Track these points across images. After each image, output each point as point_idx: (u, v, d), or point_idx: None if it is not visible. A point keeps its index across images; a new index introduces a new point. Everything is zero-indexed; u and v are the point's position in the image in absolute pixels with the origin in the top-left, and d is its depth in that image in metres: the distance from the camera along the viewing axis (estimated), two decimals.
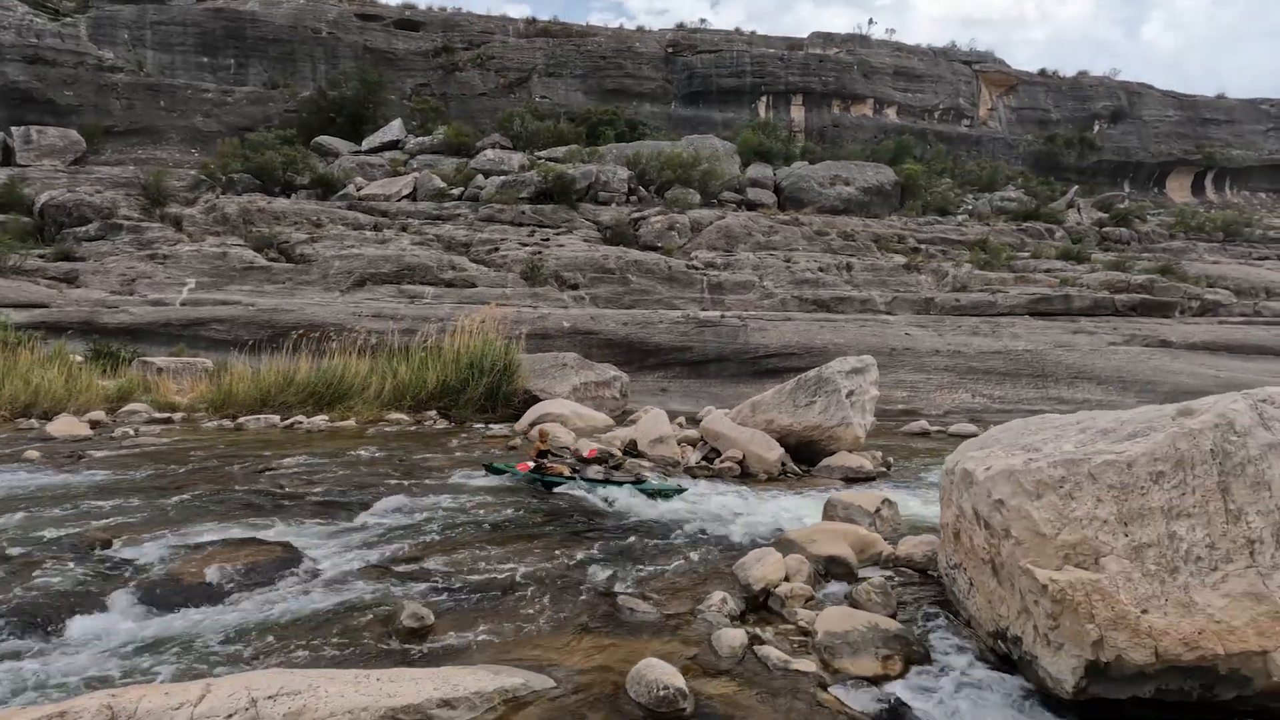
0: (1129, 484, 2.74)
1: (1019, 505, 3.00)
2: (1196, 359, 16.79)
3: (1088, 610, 2.66)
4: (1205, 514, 2.62)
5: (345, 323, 17.24)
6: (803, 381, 9.50)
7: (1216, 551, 2.57)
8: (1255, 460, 2.60)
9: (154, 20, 33.81)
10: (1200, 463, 2.66)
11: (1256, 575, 2.50)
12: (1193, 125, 45.12)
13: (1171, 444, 2.74)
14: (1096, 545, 2.72)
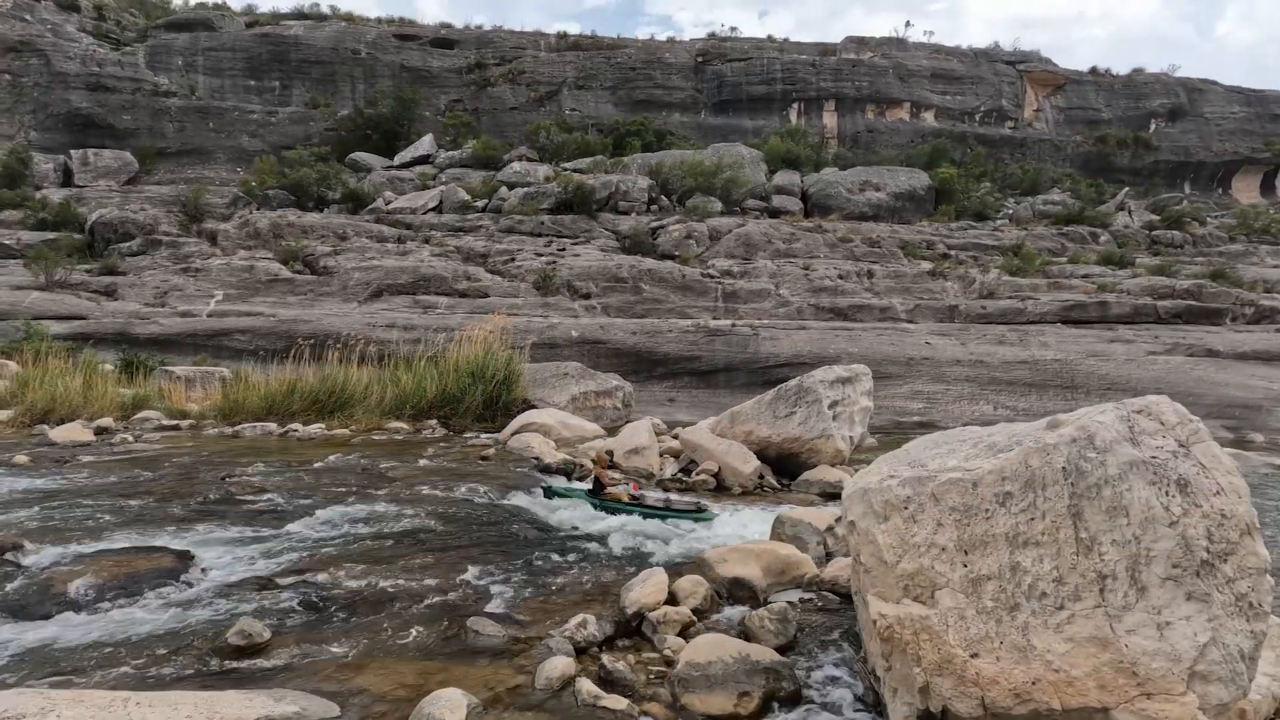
0: (973, 506, 2.39)
1: (867, 528, 2.67)
2: (1246, 369, 15.57)
3: (915, 651, 2.33)
4: (1055, 543, 2.25)
5: (360, 333, 17.53)
6: (783, 391, 9.12)
7: (1064, 587, 2.21)
8: (1114, 481, 2.23)
9: (205, 47, 35.54)
10: (1052, 483, 2.30)
11: (1104, 617, 2.13)
12: (1261, 121, 42.39)
13: (1023, 461, 2.38)
14: (933, 576, 2.38)
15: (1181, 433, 2.31)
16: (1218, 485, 2.16)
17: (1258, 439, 13.55)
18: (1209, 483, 2.16)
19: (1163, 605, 2.08)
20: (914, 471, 2.67)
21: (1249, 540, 2.10)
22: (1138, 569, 2.13)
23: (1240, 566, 2.08)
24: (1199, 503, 2.13)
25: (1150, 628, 2.06)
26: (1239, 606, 2.06)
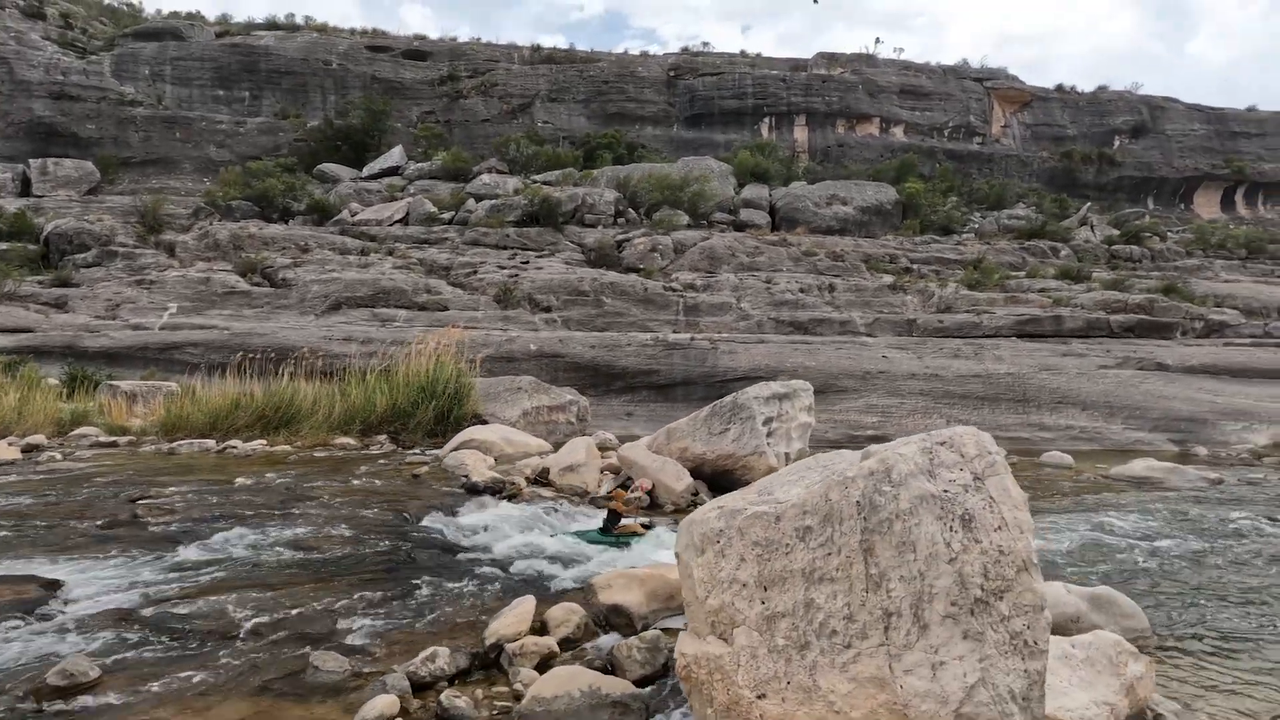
0: (774, 541, 2.35)
1: (687, 561, 2.62)
2: (1194, 383, 15.81)
3: (709, 692, 2.27)
4: (848, 579, 2.21)
5: (316, 346, 17.32)
6: (718, 408, 9.09)
7: (854, 625, 2.16)
8: (904, 515, 2.19)
9: (173, 56, 35.20)
10: (848, 517, 2.26)
11: (886, 656, 2.08)
12: (1221, 139, 43.47)
13: (824, 494, 2.34)
14: (733, 613, 2.33)
15: (979, 465, 2.29)
16: (1001, 520, 2.13)
17: (1201, 452, 13.73)
18: (993, 518, 2.14)
19: (940, 644, 2.04)
20: (736, 503, 2.62)
21: (1026, 577, 2.07)
22: (921, 606, 2.09)
23: (1016, 604, 2.05)
24: (979, 538, 2.10)
25: (926, 668, 2.02)
26: (1014, 645, 2.02)
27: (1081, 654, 3.26)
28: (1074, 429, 14.73)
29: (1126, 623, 4.58)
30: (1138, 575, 6.16)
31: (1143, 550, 6.90)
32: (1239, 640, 4.68)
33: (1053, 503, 9.19)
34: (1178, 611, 5.23)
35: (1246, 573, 6.14)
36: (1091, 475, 11.47)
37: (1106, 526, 7.82)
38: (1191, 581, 5.94)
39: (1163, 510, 8.66)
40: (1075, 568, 6.36)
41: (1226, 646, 4.58)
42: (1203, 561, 6.51)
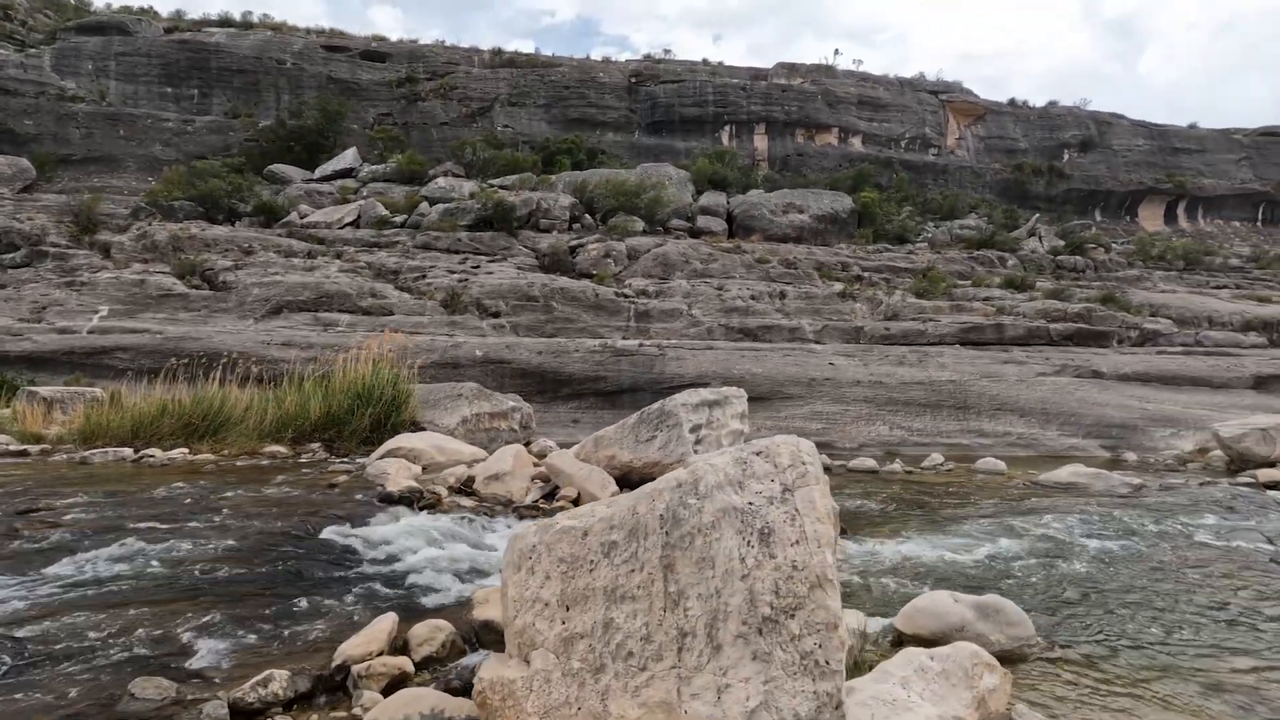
0: (579, 557, 2.23)
1: (507, 578, 2.49)
2: (1126, 390, 16.23)
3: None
4: (649, 597, 2.11)
5: (253, 351, 16.82)
6: (645, 415, 8.99)
7: (650, 646, 2.06)
8: (706, 530, 2.10)
9: (118, 51, 34.11)
10: (652, 531, 2.16)
11: (676, 680, 1.98)
12: (1163, 154, 45.11)
13: (631, 507, 2.24)
14: (533, 634, 2.20)
15: (790, 476, 2.20)
16: (801, 534, 2.05)
17: (1130, 458, 14.07)
18: (793, 531, 2.05)
19: (730, 666, 1.95)
20: (557, 517, 2.51)
21: (819, 594, 1.98)
22: (716, 626, 2.00)
23: (808, 622, 1.96)
24: (774, 553, 2.01)
25: (711, 691, 1.92)
26: (803, 665, 1.93)
27: (938, 666, 3.21)
28: (1011, 435, 14.99)
29: (1012, 631, 4.57)
30: (1039, 582, 6.20)
31: (1050, 556, 6.97)
32: (1128, 648, 4.70)
33: (977, 509, 9.28)
34: (1072, 618, 5.26)
35: (1147, 579, 6.22)
36: (1022, 481, 11.64)
37: (1023, 532, 7.89)
38: (1092, 588, 5.99)
39: (1080, 516, 8.79)
40: (981, 574, 6.38)
41: (1113, 654, 4.59)
42: (1106, 567, 6.59)
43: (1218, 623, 5.09)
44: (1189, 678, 4.28)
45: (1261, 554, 7.05)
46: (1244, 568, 6.51)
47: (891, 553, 7.17)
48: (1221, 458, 13.31)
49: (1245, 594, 5.71)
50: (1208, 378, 16.77)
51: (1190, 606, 5.47)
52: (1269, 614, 5.29)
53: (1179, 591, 5.82)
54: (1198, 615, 5.28)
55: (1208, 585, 5.97)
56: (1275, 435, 12.29)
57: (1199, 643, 4.72)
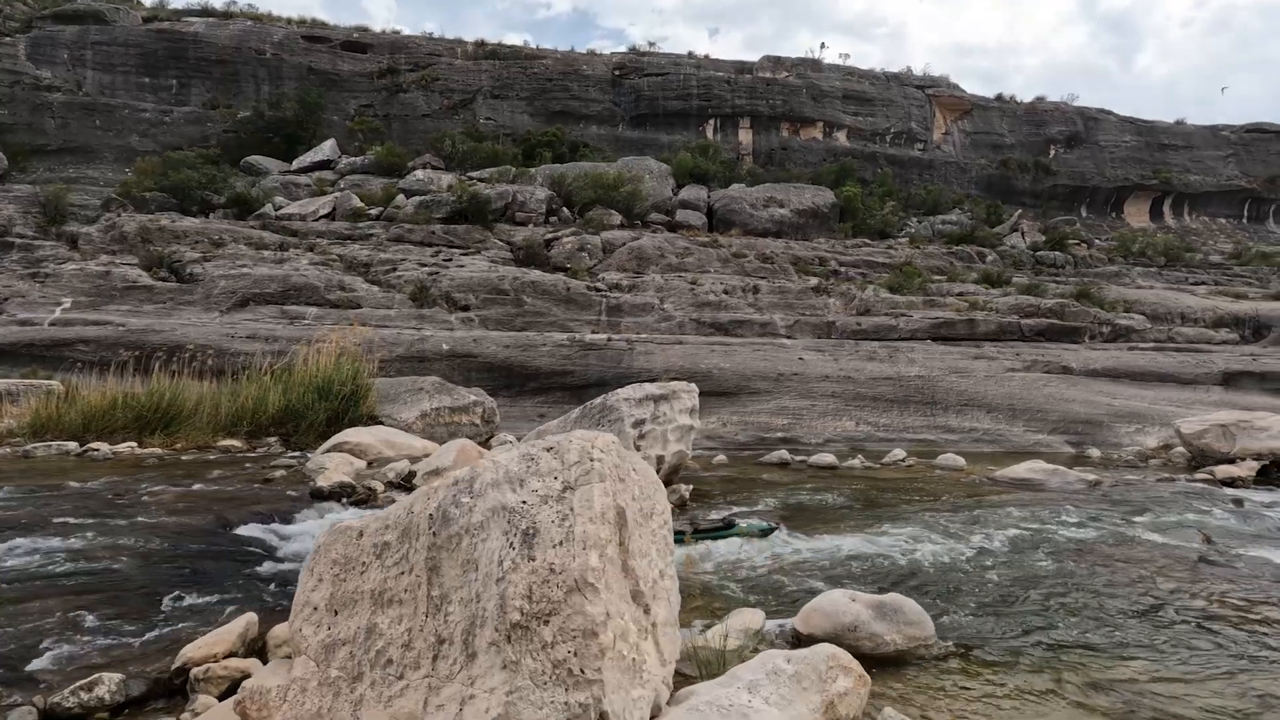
0: (352, 559, 2.11)
1: (300, 581, 2.37)
2: (1095, 386, 16.18)
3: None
4: (414, 601, 1.99)
5: (217, 344, 16.65)
6: (588, 409, 8.89)
7: (409, 654, 1.94)
8: (474, 530, 1.97)
9: (95, 41, 33.68)
10: (423, 532, 2.04)
11: (427, 690, 1.86)
12: (1150, 150, 45.07)
13: (410, 505, 2.11)
14: (300, 641, 2.08)
15: (573, 473, 2.08)
16: (568, 534, 1.93)
17: (1094, 454, 14.03)
18: (559, 531, 1.93)
19: (479, 675, 1.83)
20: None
21: (578, 598, 1.86)
22: (473, 633, 1.88)
23: (563, 629, 1.84)
24: (534, 555, 1.89)
25: (455, 703, 1.81)
26: (555, 675, 1.81)
27: (792, 669, 3.10)
28: (978, 431, 14.93)
29: (910, 630, 4.48)
30: (961, 580, 6.11)
31: (982, 554, 6.89)
32: (1028, 648, 4.61)
33: (925, 506, 9.19)
34: (982, 618, 5.17)
35: (1071, 578, 6.13)
36: (978, 477, 11.58)
37: (963, 529, 7.81)
38: (1013, 587, 5.90)
39: (1026, 513, 8.72)
40: (904, 572, 6.29)
41: (1011, 655, 4.50)
42: (1033, 566, 6.50)
43: (1125, 624, 5.00)
44: (1081, 679, 4.19)
45: (1194, 552, 6.98)
46: (1172, 567, 6.44)
47: (824, 549, 7.08)
48: (1184, 454, 13.28)
49: (1162, 595, 5.63)
50: (1176, 374, 16.73)
51: (1103, 607, 5.38)
52: (1177, 615, 5.21)
53: (1099, 592, 5.73)
54: (1108, 616, 5.20)
55: (1129, 585, 5.89)
56: (1235, 431, 12.24)
57: (1100, 644, 4.63)
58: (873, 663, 4.40)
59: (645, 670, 2.20)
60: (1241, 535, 7.92)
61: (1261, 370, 17.01)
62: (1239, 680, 4.16)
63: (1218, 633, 4.87)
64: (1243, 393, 16.30)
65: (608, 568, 1.95)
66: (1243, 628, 4.94)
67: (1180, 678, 4.18)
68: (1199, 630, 4.91)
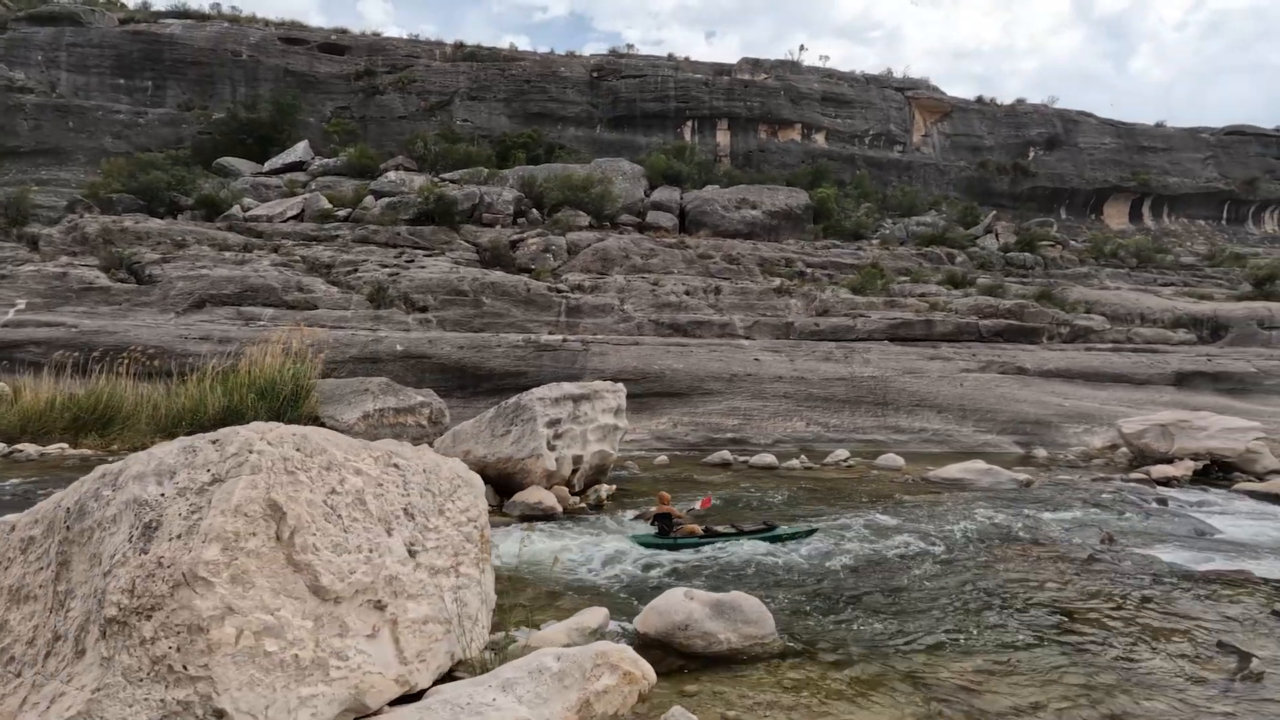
0: (1, 555, 2.07)
1: None
2: (1048, 386, 16.18)
3: None
4: (46, 596, 1.95)
5: (170, 345, 16.58)
6: (502, 409, 8.85)
7: (32, 650, 1.90)
8: (107, 524, 1.94)
9: (70, 42, 33.57)
10: (61, 526, 2.00)
11: (30, 688, 1.82)
12: (1129, 153, 45.20)
13: (60, 499, 2.07)
14: None
15: (227, 465, 2.04)
16: (191, 527, 1.89)
17: (1041, 454, 14.03)
18: (181, 525, 1.89)
19: (79, 672, 1.78)
20: None
21: (185, 593, 1.82)
22: (87, 628, 1.84)
23: (165, 624, 1.80)
24: (148, 548, 1.85)
25: (47, 701, 1.76)
26: (155, 671, 1.77)
27: (558, 667, 3.07)
28: (927, 431, 14.91)
29: (747, 629, 4.45)
30: (832, 578, 6.08)
31: (871, 551, 6.86)
32: (869, 647, 4.58)
33: (843, 506, 9.17)
34: (836, 617, 5.14)
35: (947, 578, 6.10)
36: (913, 477, 11.57)
37: (866, 529, 7.80)
38: (882, 586, 5.87)
39: (937, 513, 8.70)
40: (778, 571, 6.26)
41: (849, 653, 4.47)
42: (915, 565, 6.48)
43: (977, 622, 4.98)
44: (908, 677, 4.16)
45: (1088, 551, 6.95)
46: (1056, 566, 6.41)
47: (716, 550, 7.04)
48: (1127, 454, 13.28)
49: (1028, 593, 5.60)
50: (1130, 374, 16.73)
51: (965, 606, 5.35)
52: (1032, 613, 5.18)
53: (966, 591, 5.70)
54: (965, 615, 5.17)
55: (1002, 585, 5.86)
56: (1174, 431, 12.24)
57: (942, 642, 4.60)
58: (705, 661, 4.37)
59: (333, 669, 2.16)
60: (1147, 535, 7.92)
61: (1215, 370, 17.01)
62: (1063, 676, 4.14)
63: (1065, 630, 4.85)
64: (1195, 393, 16.31)
65: (242, 561, 1.91)
66: (1091, 625, 4.92)
67: (1006, 673, 4.15)
68: (1047, 628, 4.89)
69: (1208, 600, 5.43)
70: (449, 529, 3.49)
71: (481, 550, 3.86)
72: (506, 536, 6.95)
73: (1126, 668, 4.24)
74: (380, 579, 2.53)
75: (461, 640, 3.36)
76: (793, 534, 7.08)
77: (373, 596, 2.46)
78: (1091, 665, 4.26)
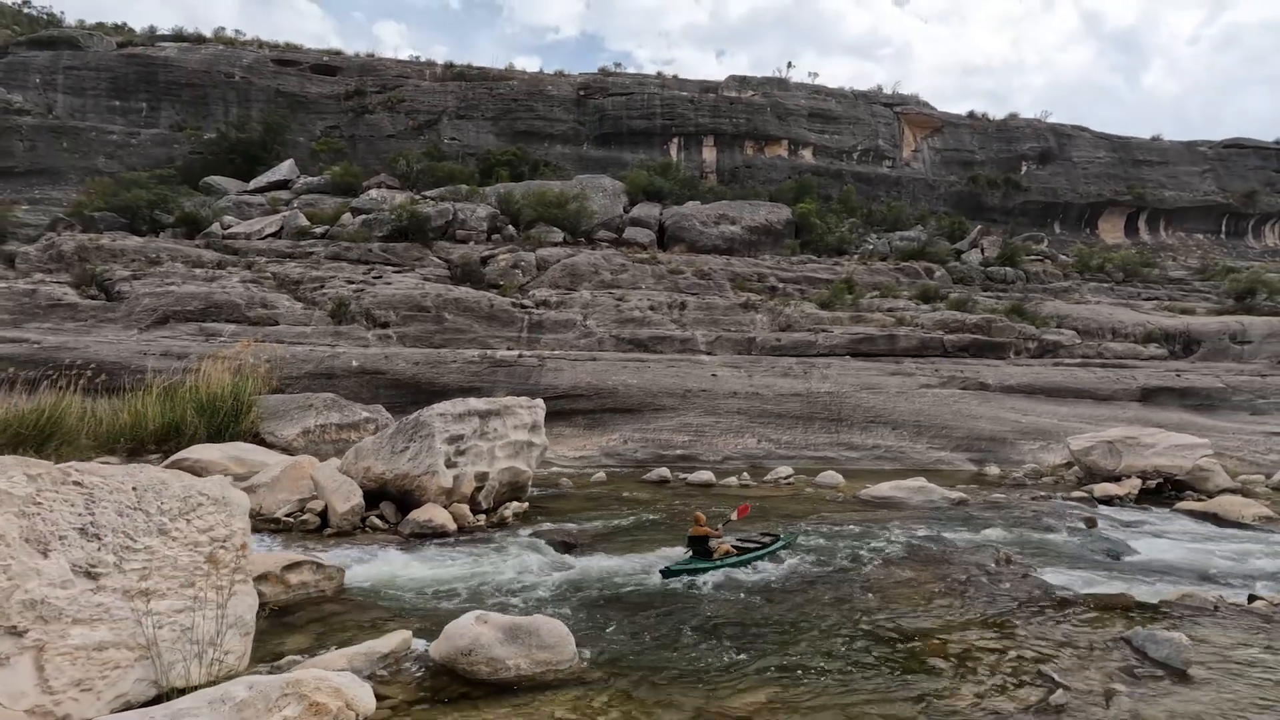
0: None
1: None
2: (1008, 402, 15.88)
3: None
4: None
5: (128, 361, 16.68)
6: (402, 425, 8.76)
7: None
8: None
9: (67, 65, 34.39)
10: None
11: None
12: (1125, 166, 44.86)
13: None
14: None
15: None
16: None
17: (993, 471, 13.72)
18: None
19: None
20: None
21: None
22: None
23: None
24: None
25: None
26: None
27: (243, 696, 2.94)
28: (880, 448, 14.65)
29: (540, 654, 4.30)
30: (683, 600, 5.91)
31: (737, 576, 6.67)
32: (673, 676, 4.42)
33: (759, 525, 8.97)
34: (658, 641, 4.97)
35: (802, 605, 5.88)
36: (846, 496, 11.33)
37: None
38: (731, 609, 5.69)
39: (846, 534, 8.48)
40: (628, 591, 6.09)
41: (646, 682, 4.31)
42: (778, 588, 6.27)
43: (803, 651, 4.79)
44: (694, 707, 4.00)
45: (980, 572, 6.74)
46: (933, 590, 6.20)
47: (593, 567, 6.88)
48: (1078, 472, 12.96)
49: (884, 620, 5.38)
50: (1094, 390, 16.39)
51: (804, 632, 5.15)
52: (868, 644, 4.97)
53: (819, 616, 5.50)
54: (792, 640, 4.98)
55: (862, 610, 5.66)
56: (1121, 448, 11.95)
57: (752, 672, 4.42)
58: (491, 688, 4.22)
59: None
60: (1052, 556, 7.67)
61: (1183, 386, 16.63)
62: (854, 706, 3.96)
63: (894, 657, 4.66)
64: (1160, 409, 15.93)
65: None
66: (927, 653, 4.72)
67: (793, 706, 3.97)
68: (876, 655, 4.69)
69: (1065, 625, 5.21)
70: (173, 549, 3.37)
71: (233, 572, 3.74)
72: (372, 556, 6.84)
73: (932, 697, 4.04)
74: (14, 603, 2.41)
75: (181, 667, 3.24)
76: (784, 543, 7.48)
77: (3, 622, 2.34)
78: (892, 696, 4.07)
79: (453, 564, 6.92)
